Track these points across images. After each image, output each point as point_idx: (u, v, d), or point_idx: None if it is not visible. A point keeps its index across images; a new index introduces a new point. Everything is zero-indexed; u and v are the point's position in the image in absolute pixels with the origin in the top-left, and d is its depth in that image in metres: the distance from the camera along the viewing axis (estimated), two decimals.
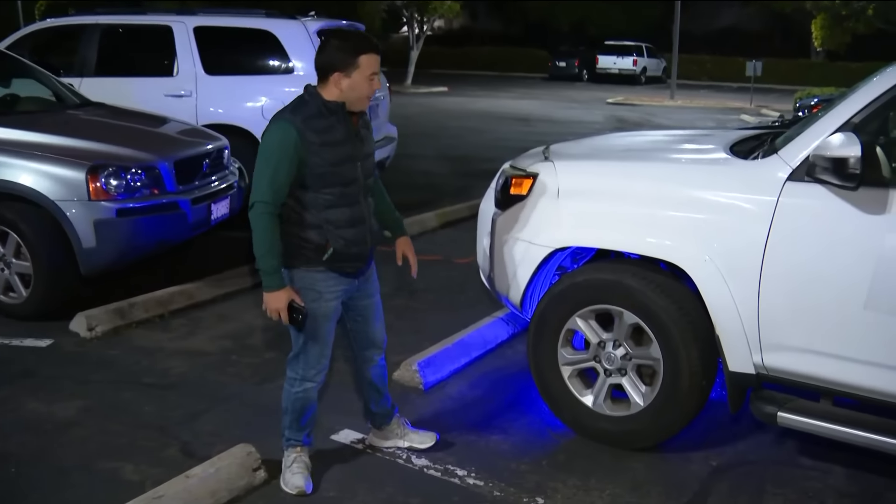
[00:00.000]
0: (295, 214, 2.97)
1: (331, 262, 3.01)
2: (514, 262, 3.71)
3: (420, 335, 4.63)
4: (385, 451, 3.51)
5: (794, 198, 3.04)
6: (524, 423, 3.82)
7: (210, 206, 5.48)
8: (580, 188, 3.56)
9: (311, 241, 2.99)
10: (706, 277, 3.19)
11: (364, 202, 3.08)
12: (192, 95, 7.33)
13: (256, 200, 2.89)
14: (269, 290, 2.94)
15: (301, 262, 3.01)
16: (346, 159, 2.97)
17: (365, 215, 3.08)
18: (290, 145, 2.86)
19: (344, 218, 3.00)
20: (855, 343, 2.98)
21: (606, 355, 3.51)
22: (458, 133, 15.30)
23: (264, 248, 2.90)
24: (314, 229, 2.98)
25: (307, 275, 3.02)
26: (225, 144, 6.03)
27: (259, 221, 2.89)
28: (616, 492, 3.26)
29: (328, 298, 3.06)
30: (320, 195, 2.96)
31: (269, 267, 2.91)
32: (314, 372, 3.15)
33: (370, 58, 2.93)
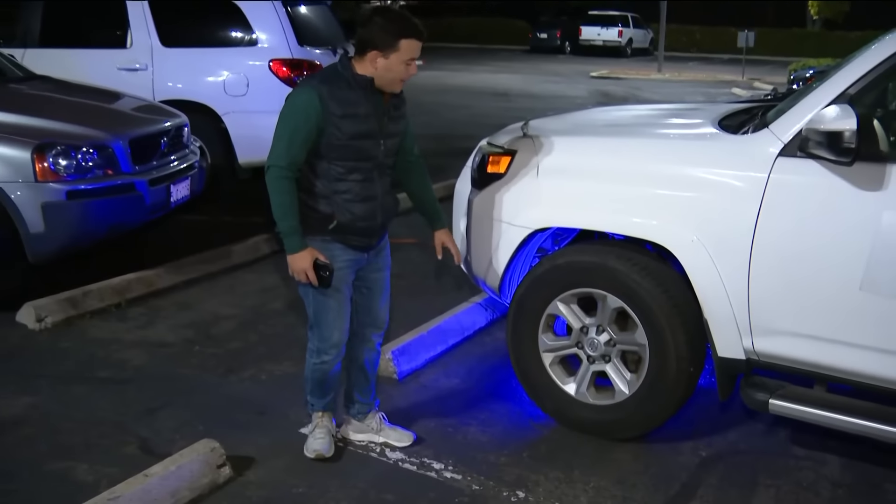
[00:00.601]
0: (306, 181, 3.09)
1: (336, 232, 3.12)
2: (491, 245, 3.71)
3: (394, 322, 4.58)
4: (358, 445, 3.51)
5: (786, 174, 3.05)
6: (504, 413, 3.82)
7: (169, 187, 5.42)
8: (561, 166, 3.55)
9: (318, 210, 3.11)
10: (693, 258, 3.20)
11: (379, 179, 3.18)
12: (148, 69, 7.22)
13: (272, 164, 3.02)
14: (291, 251, 3.07)
15: (307, 231, 3.11)
16: (368, 135, 3.08)
17: (377, 192, 3.17)
18: (311, 111, 2.98)
19: (354, 192, 3.11)
20: (850, 326, 3.00)
21: (589, 341, 3.52)
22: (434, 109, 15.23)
23: (281, 210, 3.03)
24: (323, 199, 3.10)
25: (313, 244, 3.12)
26: (184, 122, 5.96)
27: (275, 185, 3.02)
28: (601, 484, 3.27)
29: (336, 268, 3.15)
30: (333, 166, 3.08)
31: (289, 228, 3.04)
32: (328, 345, 3.26)
33: (411, 43, 3.02)
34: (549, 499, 3.17)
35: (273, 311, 4.97)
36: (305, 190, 3.09)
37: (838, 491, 3.26)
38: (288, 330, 4.67)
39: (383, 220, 3.24)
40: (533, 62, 29.61)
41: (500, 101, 16.76)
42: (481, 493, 3.20)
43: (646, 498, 3.19)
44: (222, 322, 4.85)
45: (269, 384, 4.08)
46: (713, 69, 27.30)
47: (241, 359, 4.35)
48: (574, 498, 3.18)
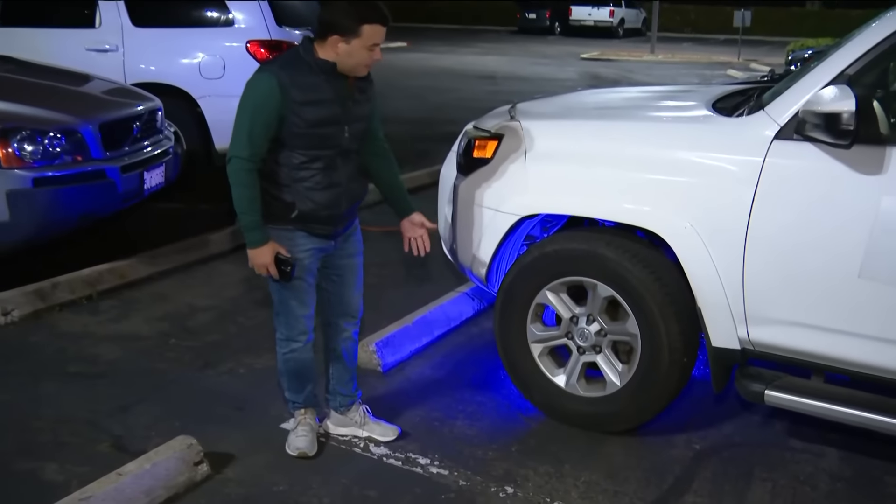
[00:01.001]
0: (267, 169, 3.08)
1: (298, 221, 3.13)
2: (478, 232, 3.71)
3: (377, 313, 4.61)
4: (340, 440, 3.51)
5: (782, 158, 3.06)
6: (491, 406, 3.83)
7: (142, 174, 5.38)
8: (550, 150, 3.55)
9: (279, 198, 3.10)
10: (686, 245, 3.21)
11: (343, 166, 3.16)
12: (119, 50, 7.17)
13: (233, 155, 3.00)
14: (252, 245, 3.08)
15: (268, 219, 3.10)
16: (331, 121, 3.06)
17: (341, 179, 3.16)
18: (270, 99, 2.95)
19: (316, 180, 3.10)
20: (848, 314, 3.01)
21: (579, 331, 3.53)
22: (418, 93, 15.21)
23: (243, 204, 3.03)
24: (284, 187, 3.10)
25: (275, 232, 3.12)
26: (158, 105, 5.91)
27: (237, 177, 3.00)
28: (592, 479, 3.28)
29: (300, 257, 3.16)
30: (294, 154, 3.06)
31: (250, 223, 3.05)
32: (296, 332, 3.28)
33: (375, 29, 2.98)
34: (538, 494, 3.18)
35: (252, 302, 4.96)
36: (266, 178, 3.08)
37: (837, 484, 3.28)
38: (268, 321, 4.56)
39: (348, 207, 3.22)
40: (521, 43, 29.57)
41: (487, 84, 16.73)
42: (468, 489, 3.21)
43: (638, 492, 3.21)
44: (199, 314, 4.83)
45: (249, 378, 4.07)
46: (708, 50, 27.35)
47: (219, 352, 4.34)
48: (564, 493, 3.19)
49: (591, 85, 17.02)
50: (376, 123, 3.34)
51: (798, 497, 3.20)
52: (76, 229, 5.25)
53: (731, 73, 19.99)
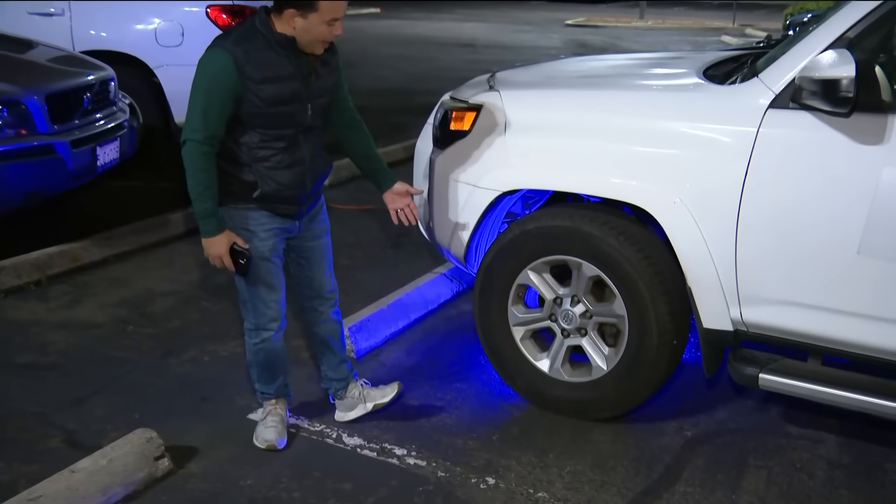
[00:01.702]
0: (225, 149, 3.05)
1: (260, 201, 3.11)
2: (455, 209, 3.70)
3: (350, 296, 4.60)
4: (312, 431, 3.52)
5: (777, 127, 3.06)
6: (471, 393, 3.84)
7: (95, 150, 5.33)
8: (531, 121, 3.54)
9: (239, 178, 3.09)
10: (676, 222, 3.21)
11: (305, 143, 3.14)
12: (65, 14, 7.04)
13: (188, 138, 2.97)
14: (206, 235, 3.05)
15: (229, 199, 3.09)
16: (292, 98, 3.03)
17: (304, 156, 3.14)
18: (225, 79, 2.91)
19: (278, 159, 3.08)
20: (847, 293, 3.03)
21: (563, 313, 3.54)
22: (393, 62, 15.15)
23: (197, 189, 2.99)
24: (245, 167, 3.08)
25: (236, 212, 3.11)
26: (110, 75, 5.85)
27: (192, 161, 2.97)
28: (577, 468, 3.30)
29: (263, 237, 3.15)
30: (254, 133, 3.04)
31: (204, 210, 3.02)
32: (266, 319, 3.27)
33: (333, 3, 2.93)
34: (521, 485, 3.19)
35: (217, 286, 4.93)
36: (225, 157, 3.05)
37: (835, 472, 3.31)
38: (233, 307, 4.59)
39: (313, 185, 3.22)
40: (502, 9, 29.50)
41: (466, 53, 16.68)
42: (447, 480, 3.22)
43: (626, 482, 3.22)
44: (159, 299, 4.80)
45: (213, 366, 4.06)
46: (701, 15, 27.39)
47: (182, 339, 4.32)
48: (548, 483, 3.21)
49: (576, 53, 17.00)
50: (344, 94, 3.32)
51: (794, 485, 3.23)
52: (22, 209, 5.19)
53: (726, 39, 20.04)
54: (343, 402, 3.60)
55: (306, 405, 3.71)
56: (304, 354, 4.15)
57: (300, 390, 3.75)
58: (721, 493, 3.16)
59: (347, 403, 3.60)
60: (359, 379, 3.65)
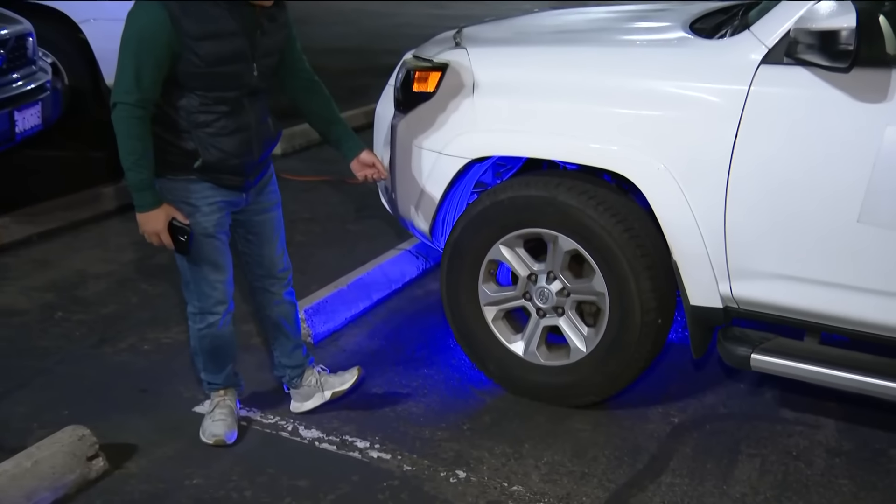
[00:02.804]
0: (161, 113, 2.98)
1: (203, 172, 3.06)
2: (420, 179, 3.69)
3: (306, 276, 4.60)
4: (265, 423, 3.51)
5: (770, 85, 3.04)
6: (439, 379, 3.85)
7: (12, 114, 5.24)
8: (502, 82, 3.52)
9: (177, 146, 3.03)
10: (660, 190, 3.20)
11: (251, 107, 3.10)
12: None
13: (118, 101, 2.89)
14: (142, 209, 2.98)
15: (167, 170, 3.03)
16: (236, 57, 2.96)
17: (250, 121, 3.10)
18: (158, 34, 2.83)
19: (220, 125, 3.03)
20: (846, 265, 3.03)
21: (539, 291, 3.53)
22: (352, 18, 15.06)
23: (131, 158, 2.91)
24: (183, 133, 3.02)
25: (175, 184, 3.06)
26: (27, 30, 5.73)
27: (123, 126, 2.89)
28: (555, 459, 3.30)
29: (206, 212, 3.10)
30: (193, 96, 2.98)
31: (139, 182, 2.94)
32: (213, 302, 3.24)
33: None
34: (494, 478, 3.19)
35: (157, 267, 4.89)
36: (161, 123, 2.98)
37: (835, 460, 3.33)
38: (175, 289, 4.57)
39: (261, 153, 3.18)
40: None
41: (433, 7, 16.60)
42: (414, 475, 3.21)
43: (608, 473, 3.23)
44: (92, 282, 4.76)
45: (154, 355, 4.03)
46: None
47: (118, 326, 4.29)
48: (524, 476, 3.21)
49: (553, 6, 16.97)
50: (297, 54, 3.28)
51: (791, 474, 3.24)
52: None
53: None
54: (299, 392, 3.58)
55: (258, 395, 3.69)
56: (254, 340, 4.13)
57: (251, 379, 3.73)
58: (711, 484, 3.17)
59: (303, 392, 3.58)
60: (315, 366, 3.64)
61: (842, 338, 3.20)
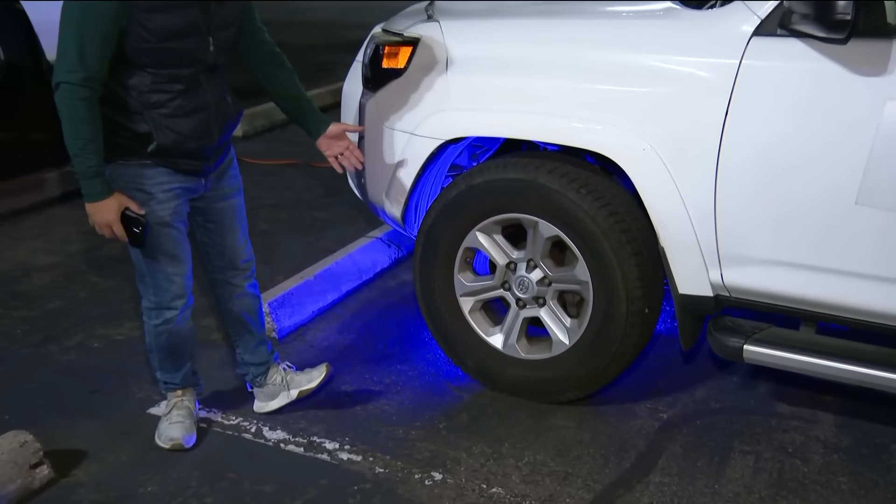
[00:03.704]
0: (110, 92, 2.93)
1: (157, 156, 3.03)
2: (391, 162, 3.69)
3: (270, 266, 4.59)
4: (226, 425, 3.52)
5: (763, 58, 3.04)
6: (414, 375, 3.86)
7: None
8: (477, 57, 3.52)
9: (129, 128, 2.99)
10: (646, 171, 3.20)
11: (209, 85, 3.06)
12: None
13: (62, 80, 2.83)
14: (91, 199, 2.94)
15: (118, 155, 2.99)
16: (188, 31, 2.93)
17: (208, 101, 3.07)
18: (103, 4, 2.78)
19: (176, 105, 2.99)
20: (844, 250, 3.03)
21: (518, 281, 3.53)
22: None
23: (78, 143, 2.87)
24: (135, 115, 2.98)
25: (127, 170, 3.02)
26: None
27: (68, 108, 2.84)
28: (537, 458, 3.31)
29: (162, 199, 3.08)
30: (144, 74, 2.93)
31: (87, 169, 2.89)
32: (170, 296, 3.22)
33: None
34: (472, 480, 3.19)
35: (108, 258, 4.88)
36: (110, 103, 2.93)
37: (833, 456, 3.34)
38: (128, 282, 4.55)
39: (221, 135, 3.15)
40: None
41: None
42: (387, 477, 3.21)
43: (593, 472, 3.24)
44: (35, 275, 4.75)
45: (105, 354, 4.02)
46: None
47: (64, 322, 4.28)
48: (504, 477, 3.21)
49: None
50: (257, 25, 3.25)
51: (786, 472, 3.25)
52: None
53: None
54: (263, 391, 3.58)
55: (219, 395, 3.70)
56: (215, 336, 4.14)
57: (211, 378, 3.73)
58: (702, 483, 3.18)
59: (268, 391, 3.57)
60: (281, 363, 3.64)
61: (840, 327, 3.21)
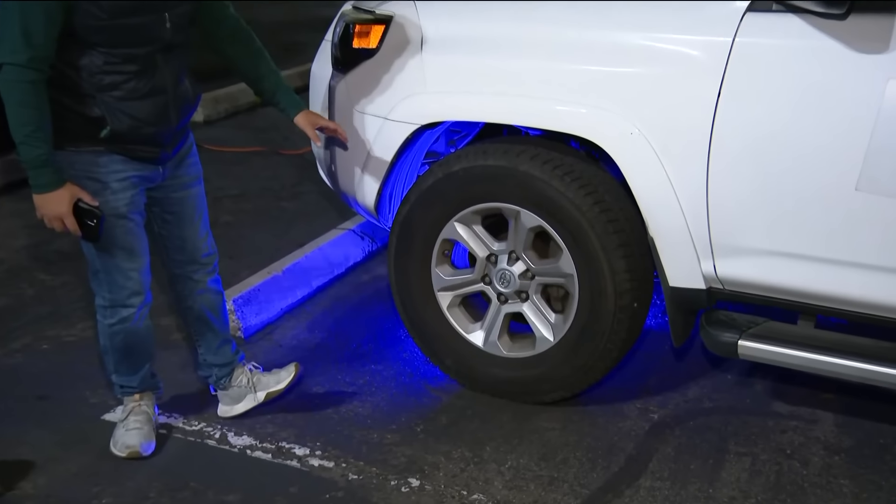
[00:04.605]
0: (59, 74, 2.90)
1: (111, 142, 3.00)
2: (363, 149, 3.68)
3: (235, 260, 4.58)
4: (188, 430, 3.51)
5: (757, 36, 3.04)
6: (389, 376, 3.86)
7: None
8: (454, 36, 3.51)
9: (80, 112, 2.96)
10: (634, 157, 3.20)
11: (166, 66, 3.03)
12: None
13: (5, 62, 2.80)
14: (40, 189, 2.90)
15: (68, 141, 2.96)
16: (143, 6, 2.90)
17: (165, 83, 3.04)
18: None
19: (130, 87, 2.96)
20: (844, 239, 3.03)
21: (499, 274, 3.53)
22: None
23: (25, 130, 2.83)
24: (87, 98, 2.95)
25: (79, 158, 2.99)
26: None
27: (13, 93, 2.81)
28: (521, 463, 3.31)
29: (117, 189, 3.05)
30: (95, 53, 2.90)
31: (35, 158, 2.86)
32: (126, 293, 3.20)
33: None
34: (452, 486, 3.19)
35: (57, 253, 4.87)
36: (59, 86, 2.90)
37: (834, 458, 3.35)
38: (80, 279, 4.53)
39: (179, 119, 3.13)
40: None
41: None
42: (361, 484, 3.21)
43: (580, 477, 3.24)
44: None
45: (55, 356, 4.01)
46: None
47: (11, 323, 4.28)
48: (485, 483, 3.21)
49: None
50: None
51: (784, 474, 3.26)
52: None
53: None
54: (228, 393, 3.57)
55: (180, 399, 3.69)
56: (175, 336, 4.13)
57: (172, 381, 3.71)
58: (695, 487, 3.18)
59: (233, 394, 3.57)
60: (247, 363, 3.63)
61: (840, 320, 3.22)
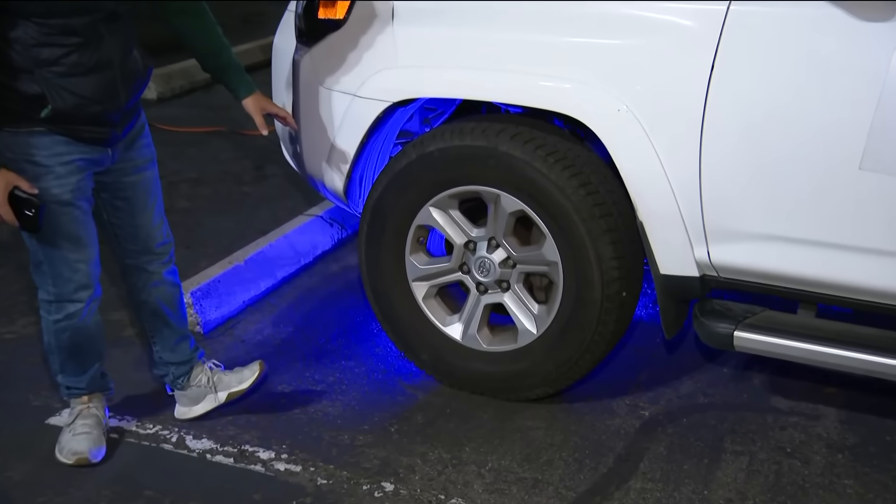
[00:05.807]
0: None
1: (54, 122, 2.97)
2: (331, 129, 3.68)
3: (193, 250, 4.56)
4: (142, 434, 3.50)
5: (754, 4, 3.04)
6: (361, 373, 3.86)
7: None
8: (428, 6, 3.50)
9: (17, 90, 2.92)
10: (621, 136, 3.20)
11: (111, 38, 2.99)
12: None
13: None
14: None
15: (3, 121, 2.95)
16: None
17: (112, 56, 3.00)
18: None
19: (72, 62, 2.92)
20: (846, 222, 3.04)
21: (478, 262, 3.53)
22: None
23: None
24: (24, 74, 2.91)
25: (15, 139, 2.96)
26: None
27: None
28: (503, 464, 3.31)
29: (61, 174, 3.02)
30: (30, 25, 2.85)
31: None
32: (73, 287, 3.17)
33: None
34: (428, 490, 3.20)
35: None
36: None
37: (837, 456, 3.37)
38: (21, 271, 4.51)
39: (129, 97, 3.10)
40: None
41: None
42: (330, 489, 3.21)
43: (566, 479, 3.24)
44: None
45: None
46: None
47: None
48: (465, 486, 3.21)
49: None
50: None
51: (784, 474, 3.27)
52: None
53: None
54: (186, 394, 3.57)
55: (133, 400, 3.68)
56: (127, 331, 4.13)
57: (124, 381, 3.71)
58: (689, 489, 3.20)
59: (192, 395, 3.56)
60: (206, 361, 3.63)
61: (843, 309, 3.23)
